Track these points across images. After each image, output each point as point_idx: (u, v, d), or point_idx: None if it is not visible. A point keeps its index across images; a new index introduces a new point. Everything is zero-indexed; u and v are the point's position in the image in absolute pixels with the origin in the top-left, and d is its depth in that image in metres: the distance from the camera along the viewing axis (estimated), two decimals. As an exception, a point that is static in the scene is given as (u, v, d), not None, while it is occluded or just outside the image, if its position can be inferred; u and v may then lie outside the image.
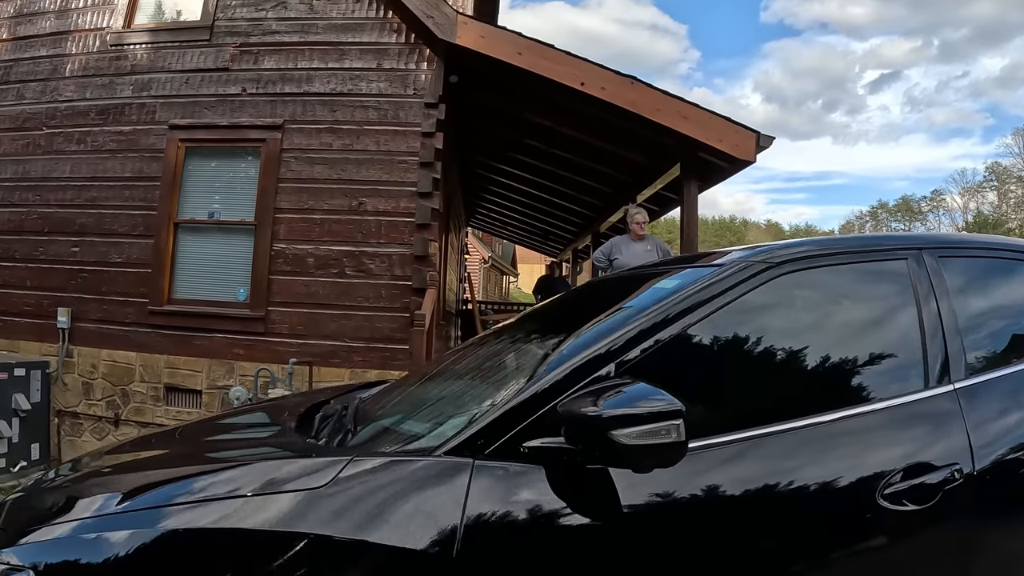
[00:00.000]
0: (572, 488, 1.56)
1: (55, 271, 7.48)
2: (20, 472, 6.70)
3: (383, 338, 6.61)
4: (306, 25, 7.19)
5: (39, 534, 1.66)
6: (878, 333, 1.98)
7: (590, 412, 1.48)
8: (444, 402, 2.24)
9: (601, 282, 2.78)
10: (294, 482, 1.56)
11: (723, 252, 2.07)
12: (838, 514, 1.68)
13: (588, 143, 7.98)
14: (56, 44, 7.99)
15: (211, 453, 2.23)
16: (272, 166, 6.91)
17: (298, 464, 1.68)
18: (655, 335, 1.70)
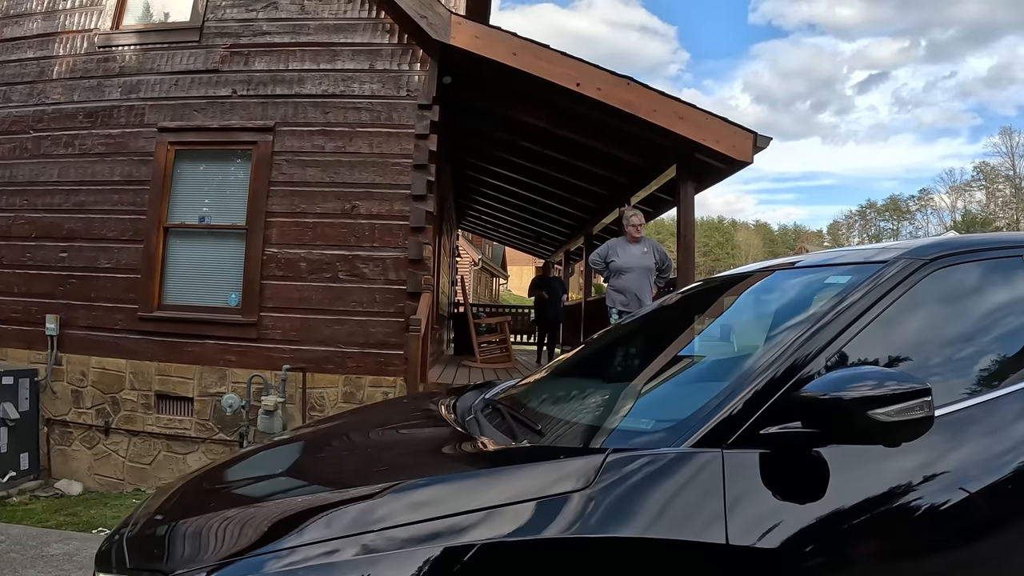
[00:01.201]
0: (807, 469, 1.66)
1: (43, 277, 7.36)
2: (9, 483, 6.58)
3: (378, 343, 6.51)
4: (297, 26, 7.09)
5: (242, 567, 1.44)
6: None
7: (848, 396, 1.57)
8: (636, 396, 2.23)
9: (745, 276, 2.77)
10: (556, 485, 1.54)
11: (875, 249, 2.22)
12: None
13: (583, 144, 7.90)
14: (43, 46, 7.86)
15: (376, 464, 2.10)
16: (263, 169, 6.81)
17: (547, 467, 1.63)
18: (855, 326, 1.84)
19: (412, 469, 1.87)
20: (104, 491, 6.91)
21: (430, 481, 1.64)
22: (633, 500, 1.52)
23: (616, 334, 3.16)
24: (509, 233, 17.29)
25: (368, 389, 6.51)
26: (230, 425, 6.66)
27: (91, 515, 5.68)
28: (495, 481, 1.61)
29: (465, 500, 1.51)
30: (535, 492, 1.51)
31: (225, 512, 1.70)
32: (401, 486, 1.61)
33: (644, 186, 8.30)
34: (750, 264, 3.15)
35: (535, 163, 9.41)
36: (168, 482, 2.53)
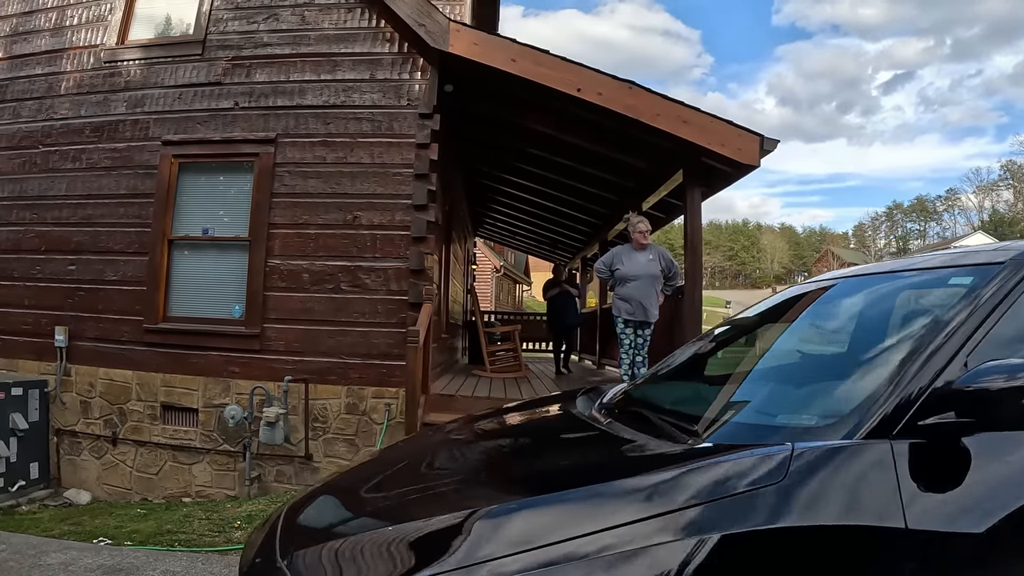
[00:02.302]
0: (959, 456, 1.76)
1: (52, 290, 7.45)
2: (19, 491, 6.66)
3: (380, 354, 6.50)
4: (298, 37, 7.11)
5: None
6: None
7: (1002, 386, 1.70)
8: (786, 393, 2.38)
9: (872, 276, 2.83)
10: (752, 480, 1.64)
11: (989, 251, 2.28)
12: None
13: (590, 150, 7.83)
14: (51, 62, 7.98)
15: (558, 467, 2.13)
16: (266, 181, 6.83)
17: (736, 463, 1.72)
18: (988, 322, 1.94)
19: (597, 472, 1.94)
20: (112, 500, 6.97)
21: (632, 483, 1.73)
22: (824, 490, 1.64)
23: (730, 333, 3.26)
24: (526, 240, 17.15)
25: (371, 400, 6.50)
26: (234, 436, 6.68)
27: (95, 525, 5.71)
28: (694, 479, 1.68)
29: (673, 498, 1.61)
30: (734, 488, 1.62)
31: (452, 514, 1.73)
32: (617, 485, 1.72)
33: (653, 191, 8.20)
34: (848, 268, 3.19)
35: (545, 170, 9.35)
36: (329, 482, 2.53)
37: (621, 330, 6.89)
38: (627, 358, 6.93)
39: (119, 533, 5.33)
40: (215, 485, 6.80)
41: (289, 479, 6.63)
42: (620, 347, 6.99)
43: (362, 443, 6.51)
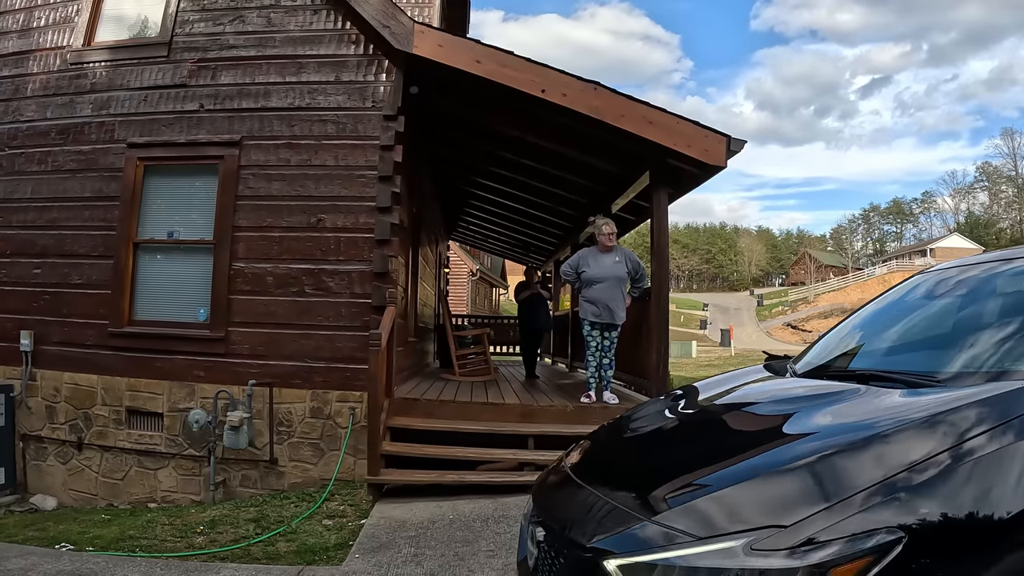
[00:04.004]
0: None
1: (17, 293, 7.38)
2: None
3: (344, 358, 6.48)
4: (264, 39, 7.08)
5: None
6: None
7: None
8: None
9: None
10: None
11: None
12: None
13: (558, 152, 7.82)
14: (18, 64, 7.91)
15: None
16: (230, 183, 6.80)
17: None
18: None
19: (895, 411, 2.02)
20: (78, 506, 6.93)
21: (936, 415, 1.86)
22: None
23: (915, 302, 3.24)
24: (500, 243, 17.15)
25: (335, 404, 6.49)
26: (199, 441, 6.63)
27: (59, 530, 5.66)
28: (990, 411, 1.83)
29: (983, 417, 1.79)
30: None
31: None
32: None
33: (621, 194, 8.20)
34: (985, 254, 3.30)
35: (516, 172, 9.34)
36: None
37: (588, 332, 6.88)
38: (594, 360, 6.93)
39: (81, 539, 5.29)
40: (180, 490, 6.77)
41: (254, 483, 6.61)
42: (587, 349, 6.99)
43: (327, 447, 6.49)
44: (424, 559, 4.36)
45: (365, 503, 5.77)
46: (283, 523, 5.39)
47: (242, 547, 4.91)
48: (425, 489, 5.85)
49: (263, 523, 5.42)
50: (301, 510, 5.72)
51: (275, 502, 6.08)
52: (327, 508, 5.77)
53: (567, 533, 2.03)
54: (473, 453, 6.06)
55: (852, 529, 1.57)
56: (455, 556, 4.39)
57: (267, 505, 5.97)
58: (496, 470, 6.10)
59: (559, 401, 7.01)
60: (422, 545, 4.61)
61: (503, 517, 5.08)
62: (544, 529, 2.16)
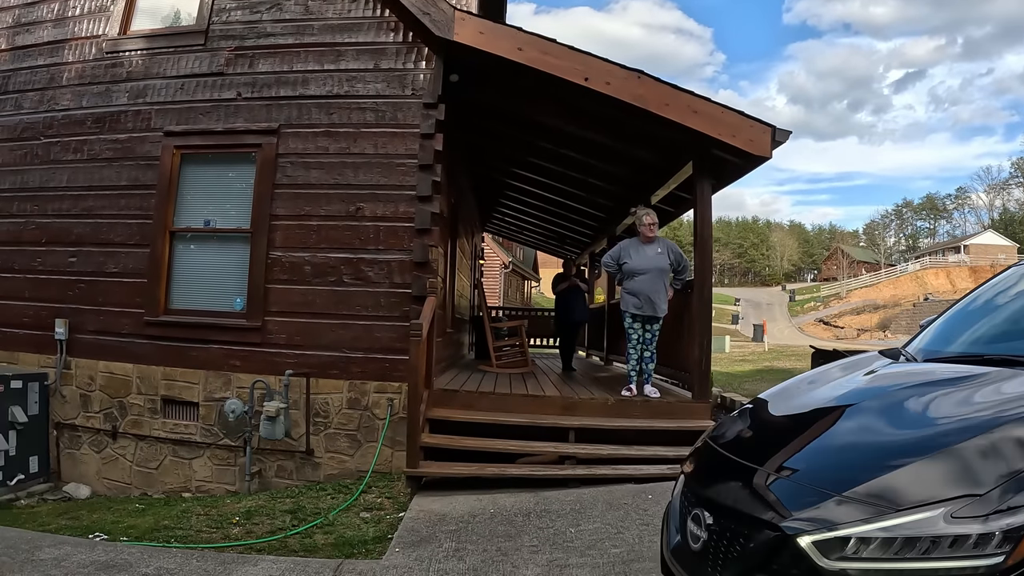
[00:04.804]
0: None
1: (53, 282, 7.37)
2: (17, 485, 6.59)
3: (382, 348, 6.38)
4: (302, 26, 7.00)
5: None
6: None
7: None
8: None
9: None
10: None
11: None
12: None
13: (598, 142, 7.69)
14: (53, 53, 7.90)
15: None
16: (268, 172, 6.73)
17: None
18: None
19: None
20: (111, 495, 6.89)
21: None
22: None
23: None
24: (534, 235, 16.95)
25: (373, 395, 6.39)
26: (234, 430, 6.56)
27: (92, 519, 5.61)
28: None
29: None
30: None
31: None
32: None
33: (662, 185, 8.06)
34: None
35: (553, 163, 9.21)
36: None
37: (629, 325, 6.77)
38: (635, 353, 6.82)
39: (116, 528, 5.24)
40: (215, 480, 6.71)
41: (290, 474, 6.53)
42: (628, 342, 6.88)
43: (364, 438, 6.40)
44: (466, 554, 4.24)
45: (403, 496, 5.67)
46: (320, 515, 5.31)
47: (279, 539, 4.83)
48: (463, 482, 5.75)
49: (300, 515, 5.34)
50: (338, 502, 5.64)
51: (311, 493, 6.00)
52: (364, 500, 5.68)
53: (749, 514, 2.05)
54: (514, 446, 5.95)
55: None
56: (498, 551, 4.27)
57: (303, 496, 5.89)
58: (536, 463, 5.98)
59: (599, 394, 6.88)
60: (463, 540, 4.49)
61: (545, 511, 4.96)
62: (713, 511, 2.17)
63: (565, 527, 4.61)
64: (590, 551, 4.15)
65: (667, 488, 5.30)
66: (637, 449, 6.01)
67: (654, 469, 5.66)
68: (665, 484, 5.28)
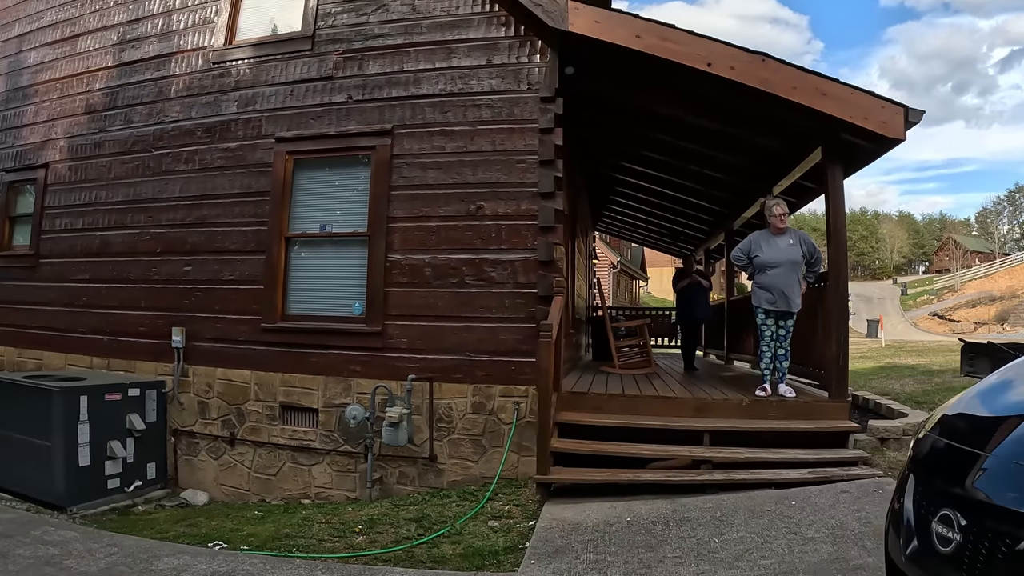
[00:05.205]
0: None
1: (169, 291, 7.44)
2: (135, 492, 6.62)
3: (508, 350, 6.18)
4: (409, 26, 6.89)
5: None
6: None
7: None
8: None
9: None
10: None
11: None
12: None
13: (717, 132, 7.36)
14: (160, 67, 8.01)
15: None
16: (383, 173, 6.62)
17: None
18: None
19: None
20: (229, 501, 6.87)
21: None
22: None
23: None
24: (646, 233, 16.46)
25: (499, 399, 6.19)
26: (355, 437, 6.47)
27: (211, 527, 5.57)
28: None
29: None
30: None
31: None
32: None
33: (786, 174, 7.68)
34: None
35: (667, 155, 8.90)
36: None
37: (762, 321, 6.46)
38: (768, 351, 6.51)
39: (235, 536, 5.17)
40: (335, 487, 6.61)
41: (412, 481, 6.38)
42: (761, 339, 6.56)
43: (489, 444, 6.20)
44: (606, 566, 3.97)
45: (531, 503, 5.45)
46: (446, 523, 5.12)
47: (404, 549, 4.66)
48: (593, 489, 5.49)
49: (425, 523, 5.16)
50: (464, 510, 5.44)
51: (435, 501, 5.82)
52: (491, 508, 5.47)
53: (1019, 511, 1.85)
54: (647, 450, 5.68)
55: None
56: (639, 563, 3.98)
57: (427, 504, 5.72)
58: (669, 468, 5.70)
59: (733, 395, 6.56)
60: (601, 551, 4.22)
61: (684, 519, 4.66)
62: (965, 513, 1.99)
63: (707, 536, 4.32)
64: (738, 563, 3.85)
65: (809, 493, 5.01)
66: (775, 452, 5.67)
67: (794, 473, 5.32)
68: (807, 489, 4.95)
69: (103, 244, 7.99)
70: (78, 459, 6.16)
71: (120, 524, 5.79)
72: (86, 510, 6.09)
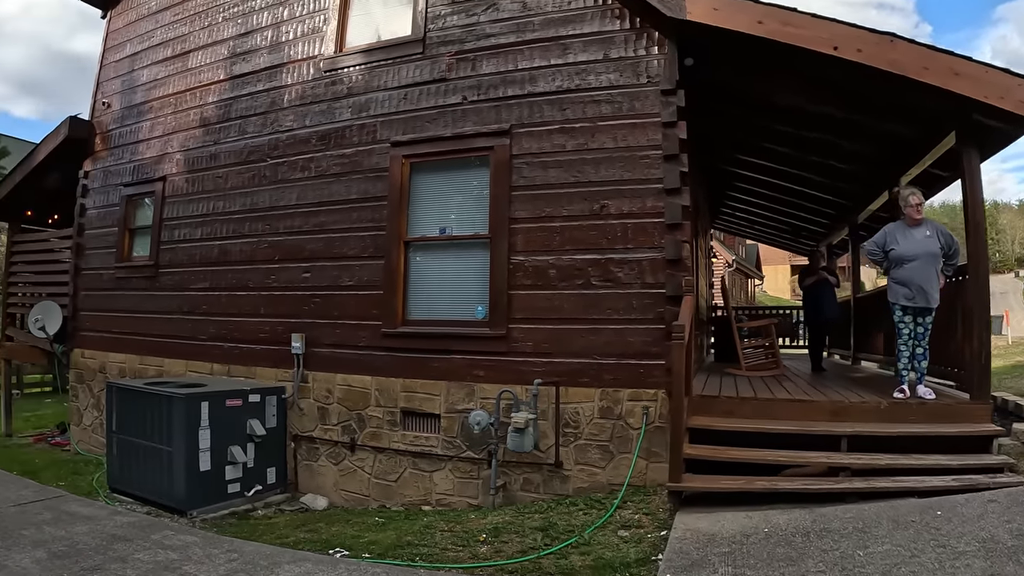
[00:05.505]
0: None
1: (287, 298, 7.53)
2: (255, 496, 6.71)
3: (636, 353, 5.98)
4: (521, 24, 6.78)
5: None
6: None
7: None
8: None
9: None
10: None
11: None
12: None
13: (841, 119, 6.99)
14: (272, 77, 8.15)
15: None
16: (503, 174, 6.53)
17: None
18: None
19: None
20: (349, 507, 6.88)
21: None
22: None
23: None
24: (764, 229, 15.79)
25: (627, 403, 6.00)
26: (478, 443, 6.39)
27: (331, 533, 5.55)
28: None
29: None
30: None
31: None
32: None
33: (916, 162, 7.22)
34: None
35: (789, 147, 8.52)
36: None
37: (899, 318, 6.08)
38: (906, 350, 6.12)
39: (356, 544, 5.14)
40: (456, 493, 6.54)
41: (536, 488, 6.25)
42: (898, 338, 6.17)
43: (616, 450, 6.01)
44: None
45: (662, 512, 5.23)
46: (574, 533, 4.96)
47: (531, 559, 4.52)
48: (724, 497, 5.23)
49: (551, 532, 5.02)
50: (591, 518, 5.27)
51: (561, 508, 5.66)
52: (620, 516, 5.28)
53: None
54: (783, 456, 5.39)
55: None
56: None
57: (552, 512, 5.57)
58: (805, 475, 5.40)
59: (870, 397, 6.19)
60: (740, 564, 3.97)
61: (825, 531, 4.35)
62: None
63: (851, 549, 4.01)
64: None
65: (955, 503, 4.61)
66: (916, 458, 5.29)
67: (937, 481, 4.94)
68: (952, 498, 4.61)
69: (222, 253, 8.18)
70: (199, 464, 6.29)
71: (239, 529, 5.87)
72: (206, 514, 6.20)
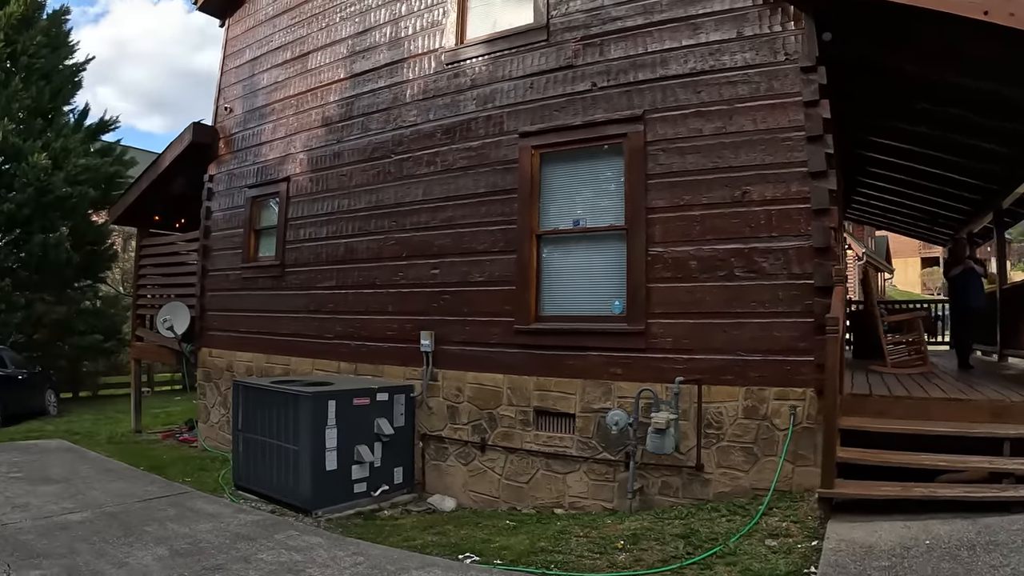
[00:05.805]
0: None
1: (415, 295, 7.54)
2: (382, 496, 6.71)
3: (782, 348, 5.60)
4: (649, 5, 6.48)
5: None
6: None
7: None
8: None
9: None
10: None
11: None
12: None
13: (988, 92, 6.30)
14: (392, 73, 8.17)
15: None
16: (637, 162, 6.26)
17: None
18: None
19: None
20: (478, 508, 6.79)
21: None
22: None
23: None
24: (897, 218, 14.80)
25: (773, 402, 5.62)
26: (615, 444, 6.17)
27: (460, 536, 5.45)
28: None
29: None
30: None
31: None
32: None
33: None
34: None
35: (927, 126, 7.85)
36: None
37: None
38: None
39: (487, 548, 5.00)
40: (591, 496, 6.34)
41: (675, 492, 5.97)
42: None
43: (761, 452, 5.64)
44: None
45: (811, 519, 4.86)
46: (717, 541, 4.68)
47: (673, 569, 4.29)
48: (878, 505, 4.79)
49: (693, 540, 4.75)
50: (735, 525, 4.96)
51: (702, 514, 5.36)
52: (766, 524, 4.94)
53: None
54: (942, 461, 4.90)
55: None
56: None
57: (693, 518, 5.29)
58: (963, 482, 4.90)
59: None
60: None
61: (992, 544, 3.89)
62: None
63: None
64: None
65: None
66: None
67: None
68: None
69: (348, 251, 8.29)
70: (325, 463, 6.31)
71: (365, 529, 5.86)
72: (331, 514, 6.22)
